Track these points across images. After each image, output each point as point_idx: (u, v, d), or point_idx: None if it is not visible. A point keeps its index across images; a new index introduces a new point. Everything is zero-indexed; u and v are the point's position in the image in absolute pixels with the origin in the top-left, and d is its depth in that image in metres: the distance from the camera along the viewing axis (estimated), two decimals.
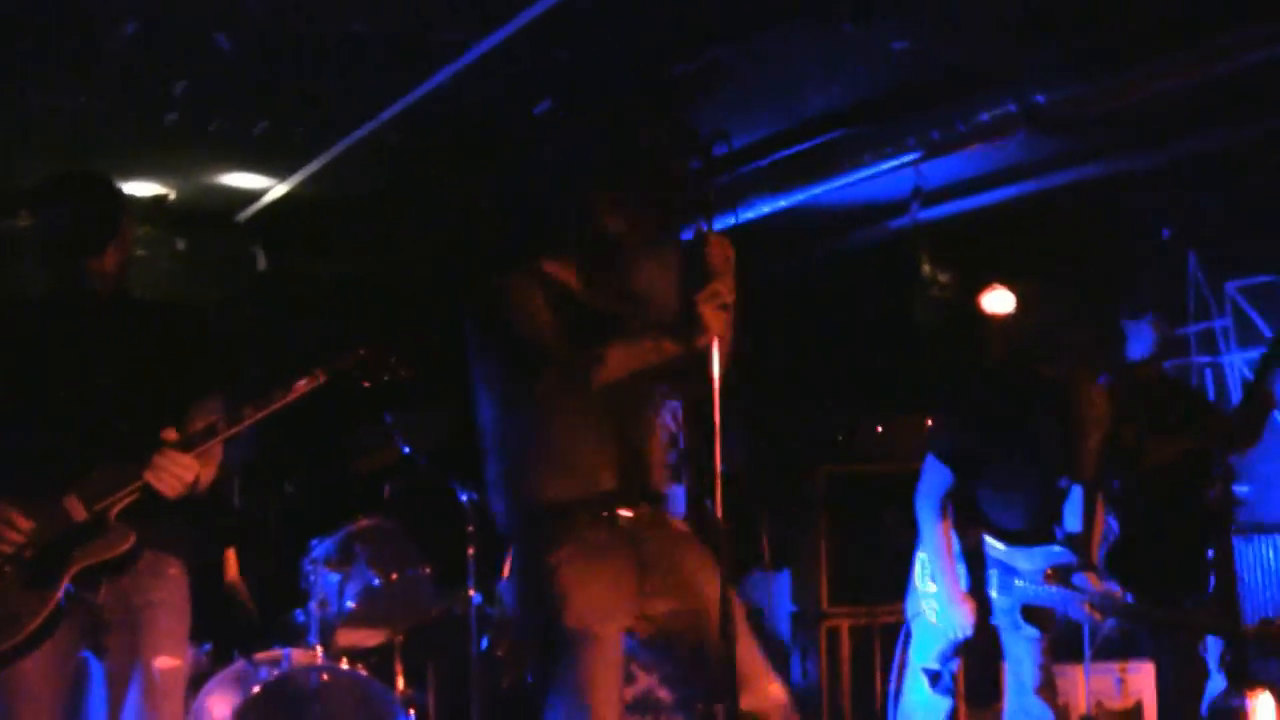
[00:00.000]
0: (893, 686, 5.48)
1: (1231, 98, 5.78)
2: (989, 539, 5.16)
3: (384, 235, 8.13)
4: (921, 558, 5.31)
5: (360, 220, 7.86)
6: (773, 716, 3.66)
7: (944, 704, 5.29)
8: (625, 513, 3.69)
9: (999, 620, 5.14)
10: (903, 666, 5.40)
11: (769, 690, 3.69)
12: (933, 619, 5.23)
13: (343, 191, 7.32)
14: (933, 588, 5.23)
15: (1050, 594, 4.99)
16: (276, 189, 7.28)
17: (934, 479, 5.22)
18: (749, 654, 3.71)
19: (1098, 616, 5.03)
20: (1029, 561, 5.06)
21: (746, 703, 3.62)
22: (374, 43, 5.33)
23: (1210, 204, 7.40)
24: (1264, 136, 6.13)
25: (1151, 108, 5.64)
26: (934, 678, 5.25)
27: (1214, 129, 6.17)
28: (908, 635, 5.42)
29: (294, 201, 7.45)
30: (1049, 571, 5.01)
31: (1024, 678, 5.14)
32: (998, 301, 7.89)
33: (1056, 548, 5.03)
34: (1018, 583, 5.05)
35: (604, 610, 3.60)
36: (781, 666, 7.34)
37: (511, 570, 3.76)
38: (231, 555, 6.15)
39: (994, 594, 5.12)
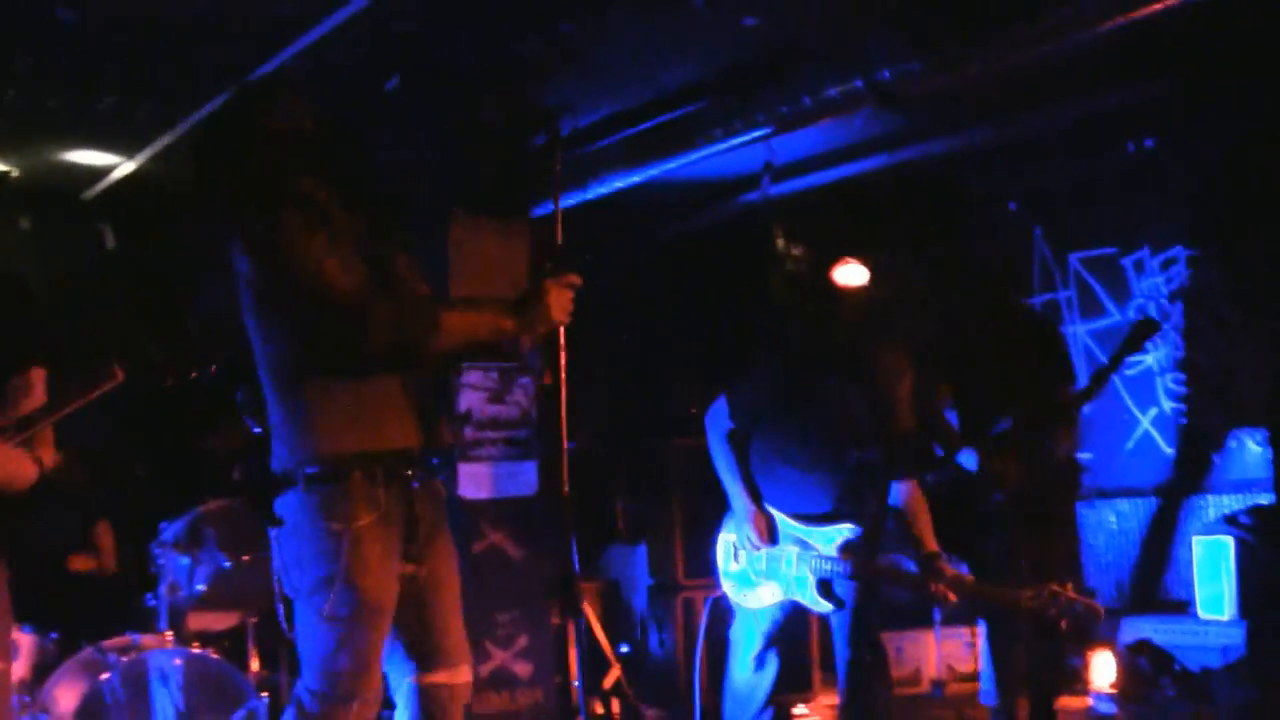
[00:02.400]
0: (697, 665, 5.55)
1: (1071, 73, 5.91)
2: (785, 518, 5.26)
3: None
4: (724, 539, 5.40)
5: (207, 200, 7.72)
6: (458, 695, 3.75)
7: (766, 682, 5.38)
8: (410, 474, 3.65)
9: (805, 596, 5.24)
10: (707, 646, 5.47)
11: (462, 669, 3.76)
12: (741, 600, 5.33)
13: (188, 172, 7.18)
14: (735, 567, 5.33)
15: (846, 569, 5.09)
16: (123, 166, 7.14)
17: (718, 416, 5.37)
18: (458, 631, 3.79)
19: (951, 597, 5.12)
20: (824, 540, 5.16)
21: (444, 677, 3.72)
22: (219, 17, 5.24)
23: (1053, 178, 7.57)
24: (1104, 111, 6.28)
25: (994, 83, 5.75)
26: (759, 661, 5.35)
27: (1055, 104, 6.30)
28: (712, 615, 5.49)
29: (142, 179, 7.31)
30: (844, 547, 5.11)
31: (845, 645, 5.24)
32: (850, 275, 8.00)
33: (850, 525, 5.13)
34: (814, 560, 5.15)
35: (389, 580, 3.58)
36: (640, 638, 7.42)
37: (288, 522, 3.61)
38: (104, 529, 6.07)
39: (797, 570, 5.19)
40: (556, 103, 5.74)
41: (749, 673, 5.36)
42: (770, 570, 5.22)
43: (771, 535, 5.23)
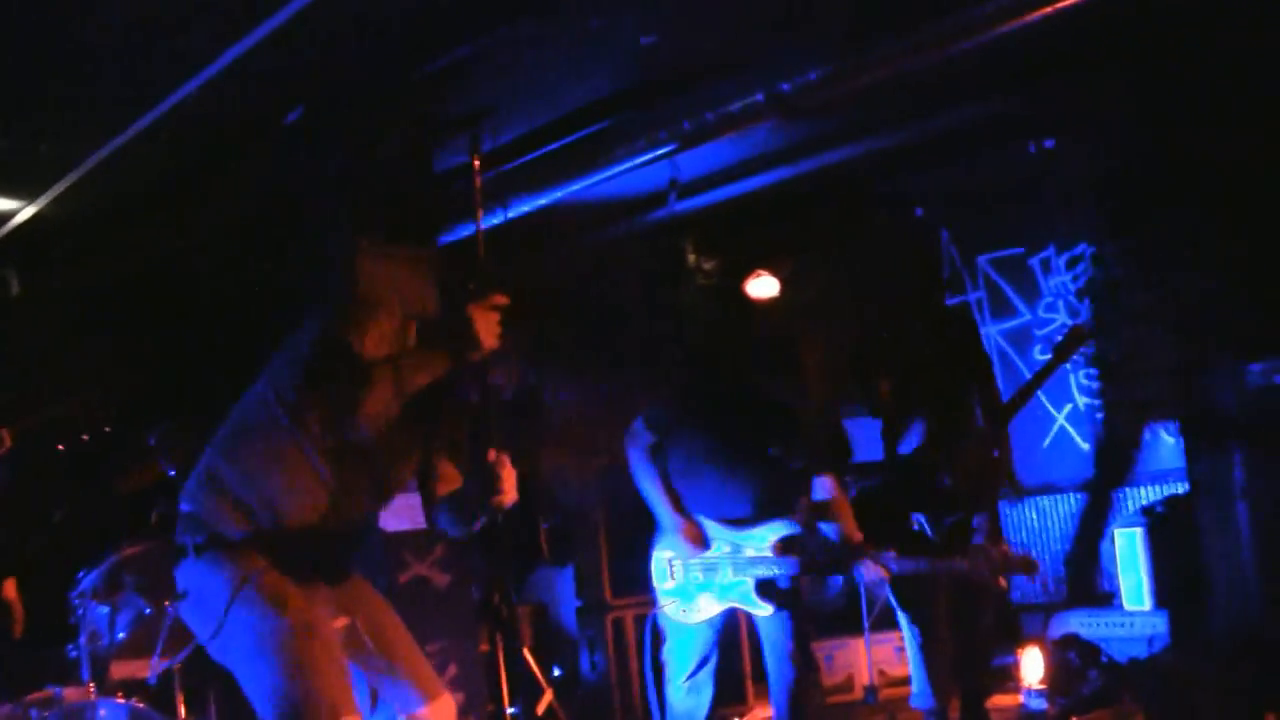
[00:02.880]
0: (650, 684, 5.56)
1: (969, 76, 5.97)
2: (713, 524, 5.28)
3: (142, 248, 7.90)
4: (658, 557, 5.40)
5: (117, 235, 7.63)
6: None
7: (703, 705, 5.38)
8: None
9: (744, 601, 5.27)
10: (658, 670, 5.48)
11: (445, 699, 3.83)
12: (683, 616, 5.34)
13: (96, 208, 7.09)
14: (671, 583, 5.34)
15: (786, 565, 5.11)
16: (25, 211, 7.03)
17: (637, 433, 5.40)
18: (423, 663, 3.87)
19: (885, 574, 5.16)
20: (756, 541, 5.18)
21: (423, 712, 3.80)
22: (116, 54, 5.18)
23: (958, 181, 7.65)
24: (1001, 113, 6.35)
25: (892, 89, 5.79)
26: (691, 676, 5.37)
27: (955, 107, 6.37)
28: (654, 636, 5.50)
29: (45, 222, 7.19)
30: (778, 545, 5.14)
31: (780, 653, 5.26)
32: (762, 287, 8.05)
33: (780, 522, 5.15)
34: (749, 563, 5.18)
35: (317, 607, 3.64)
36: (571, 659, 7.39)
37: (214, 584, 3.62)
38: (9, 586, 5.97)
39: (730, 576, 5.22)
40: (463, 127, 5.74)
41: (683, 695, 5.36)
42: (707, 580, 5.23)
43: (703, 542, 5.24)
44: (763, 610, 5.17)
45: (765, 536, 5.16)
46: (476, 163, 3.78)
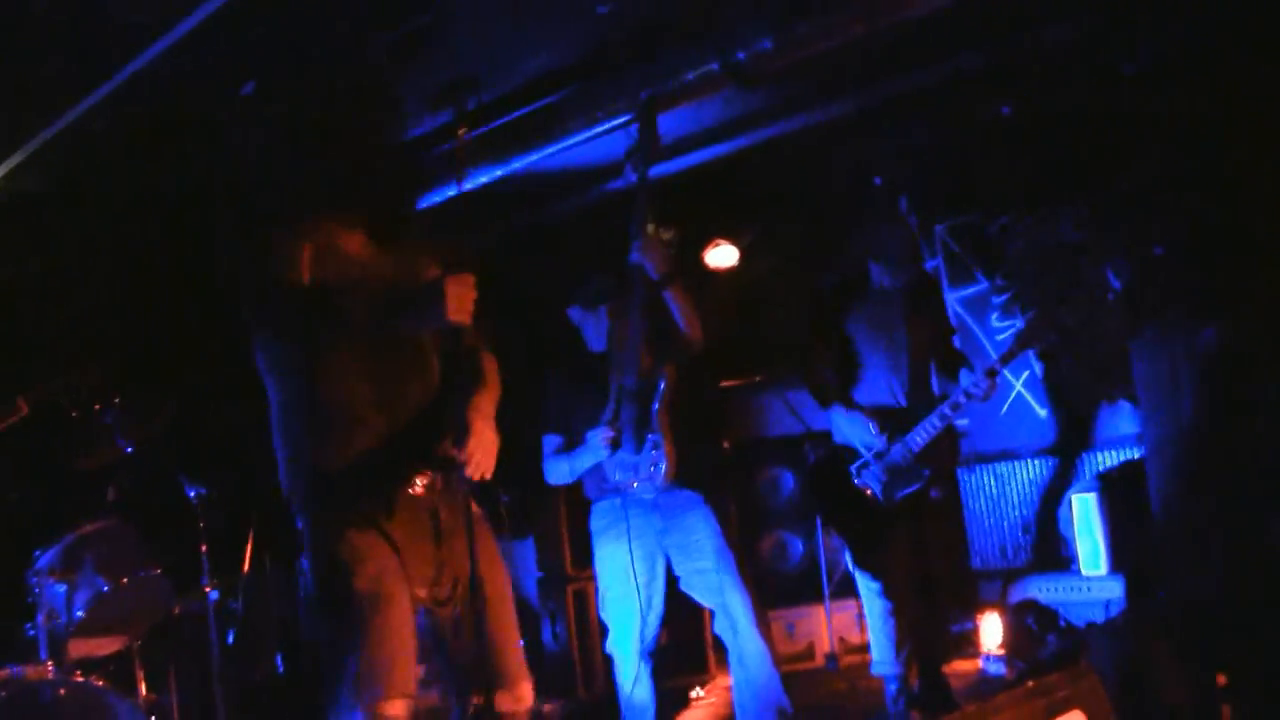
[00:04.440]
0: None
1: (921, 41, 5.98)
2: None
3: (99, 228, 7.84)
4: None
5: (72, 213, 7.56)
6: (521, 718, 3.76)
7: (646, 697, 5.45)
8: (416, 481, 3.70)
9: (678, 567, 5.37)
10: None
11: (522, 691, 3.76)
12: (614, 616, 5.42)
13: (53, 185, 7.02)
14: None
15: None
16: None
17: (548, 447, 5.67)
18: (515, 652, 3.80)
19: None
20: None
21: (503, 702, 3.71)
22: (64, 27, 5.12)
23: (915, 148, 7.65)
24: (952, 78, 6.36)
25: (847, 57, 5.79)
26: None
27: (905, 73, 6.37)
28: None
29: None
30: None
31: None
32: (721, 256, 8.06)
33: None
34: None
35: (396, 573, 3.62)
36: (533, 631, 7.41)
37: (305, 545, 3.72)
38: None
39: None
40: (414, 98, 5.71)
41: (629, 685, 5.42)
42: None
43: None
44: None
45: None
46: (462, 131, 3.78)
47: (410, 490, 3.71)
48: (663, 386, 5.23)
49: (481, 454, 3.72)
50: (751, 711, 5.35)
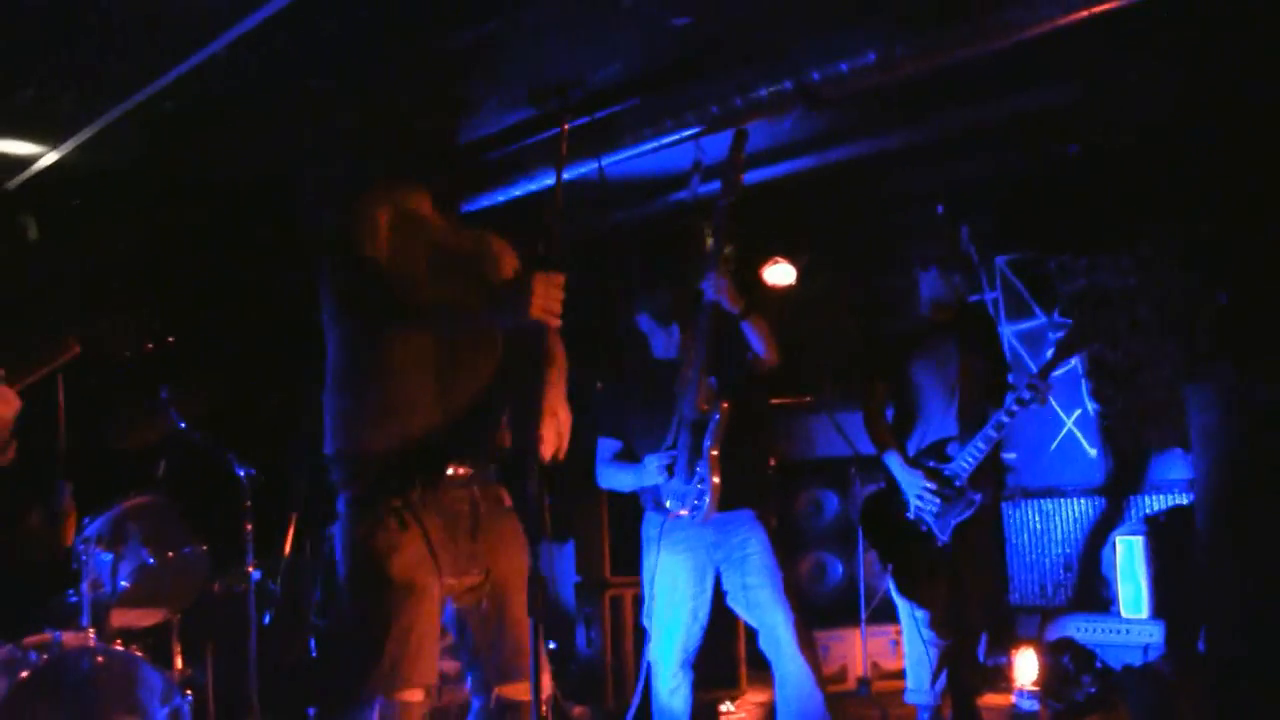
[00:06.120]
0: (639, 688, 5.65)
1: (995, 75, 5.96)
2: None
3: (158, 206, 7.93)
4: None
5: (135, 190, 7.66)
6: (541, 706, 3.74)
7: (681, 706, 5.46)
8: (460, 471, 3.71)
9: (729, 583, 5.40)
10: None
11: (541, 681, 3.76)
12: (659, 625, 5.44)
13: (117, 160, 7.11)
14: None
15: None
16: (47, 157, 7.05)
17: (604, 451, 5.74)
18: (527, 639, 3.77)
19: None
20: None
21: (519, 693, 3.74)
22: (145, 7, 5.18)
23: (980, 180, 7.64)
24: (1019, 113, 6.34)
25: (922, 84, 5.79)
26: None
27: (980, 105, 6.36)
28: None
29: (66, 170, 7.22)
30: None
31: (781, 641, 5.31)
32: (779, 274, 8.07)
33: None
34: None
35: (429, 563, 3.63)
36: (567, 635, 7.42)
37: (340, 518, 3.73)
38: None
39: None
40: (489, 101, 5.74)
41: (666, 693, 5.44)
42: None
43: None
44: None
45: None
46: (565, 127, 3.78)
47: (452, 479, 3.72)
48: (716, 420, 5.26)
49: (555, 435, 3.74)
50: None
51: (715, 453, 5.26)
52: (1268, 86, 5.89)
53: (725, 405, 5.27)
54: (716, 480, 5.25)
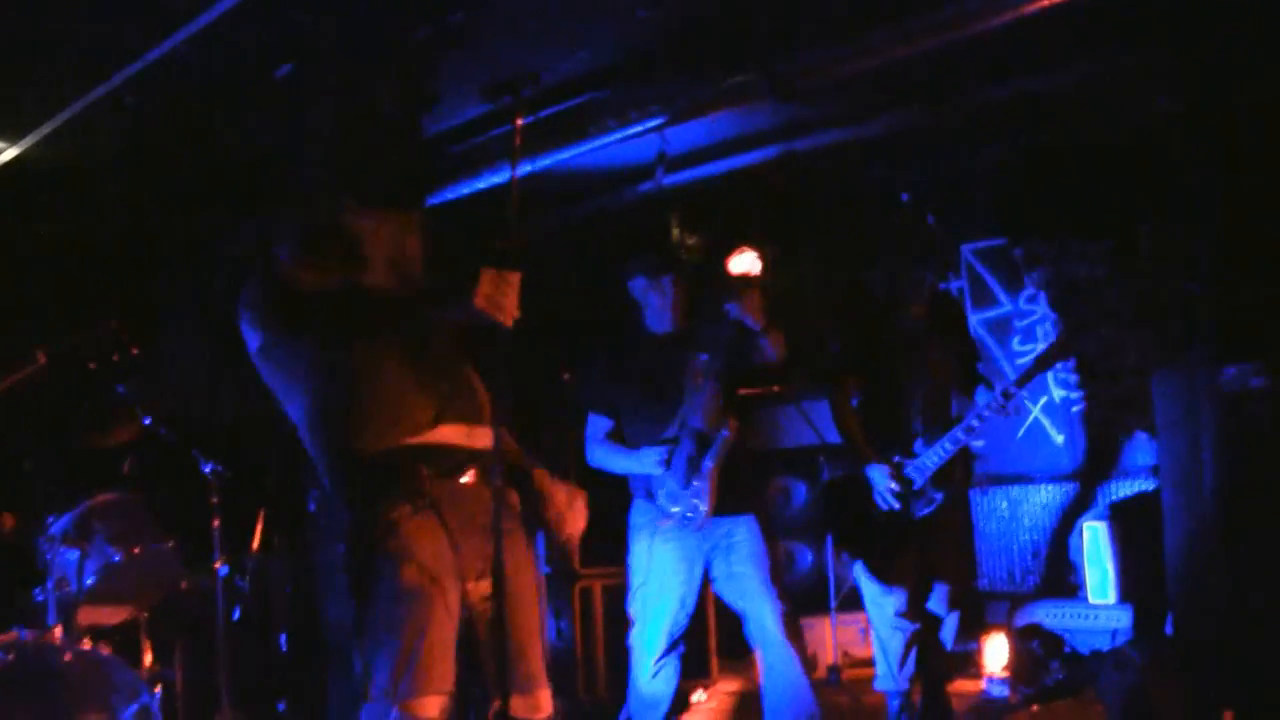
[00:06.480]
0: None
1: (962, 65, 5.98)
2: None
3: (122, 200, 7.87)
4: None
5: (98, 184, 7.60)
6: None
7: (666, 691, 5.46)
8: (465, 479, 3.67)
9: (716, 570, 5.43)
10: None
11: (540, 699, 3.73)
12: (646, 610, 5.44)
13: (79, 154, 7.05)
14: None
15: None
16: (7, 152, 6.99)
17: (595, 428, 5.70)
18: (535, 658, 3.75)
19: None
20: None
21: (519, 709, 3.66)
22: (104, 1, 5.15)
23: (945, 169, 7.65)
24: (991, 103, 6.36)
25: (889, 75, 5.79)
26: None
27: (947, 95, 6.37)
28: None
29: (27, 164, 7.16)
30: None
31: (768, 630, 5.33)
32: (744, 263, 8.04)
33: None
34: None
35: (446, 566, 3.56)
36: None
37: (349, 533, 3.64)
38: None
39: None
40: (451, 91, 5.71)
41: (649, 679, 5.44)
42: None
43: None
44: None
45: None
46: (519, 121, 3.75)
47: (461, 481, 3.67)
48: (723, 439, 5.28)
49: (572, 520, 3.79)
50: (782, 717, 5.37)
51: (714, 469, 5.29)
52: (1246, 75, 5.92)
53: (734, 425, 5.31)
54: (712, 496, 5.29)
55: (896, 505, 5.75)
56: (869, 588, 5.92)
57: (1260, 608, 5.52)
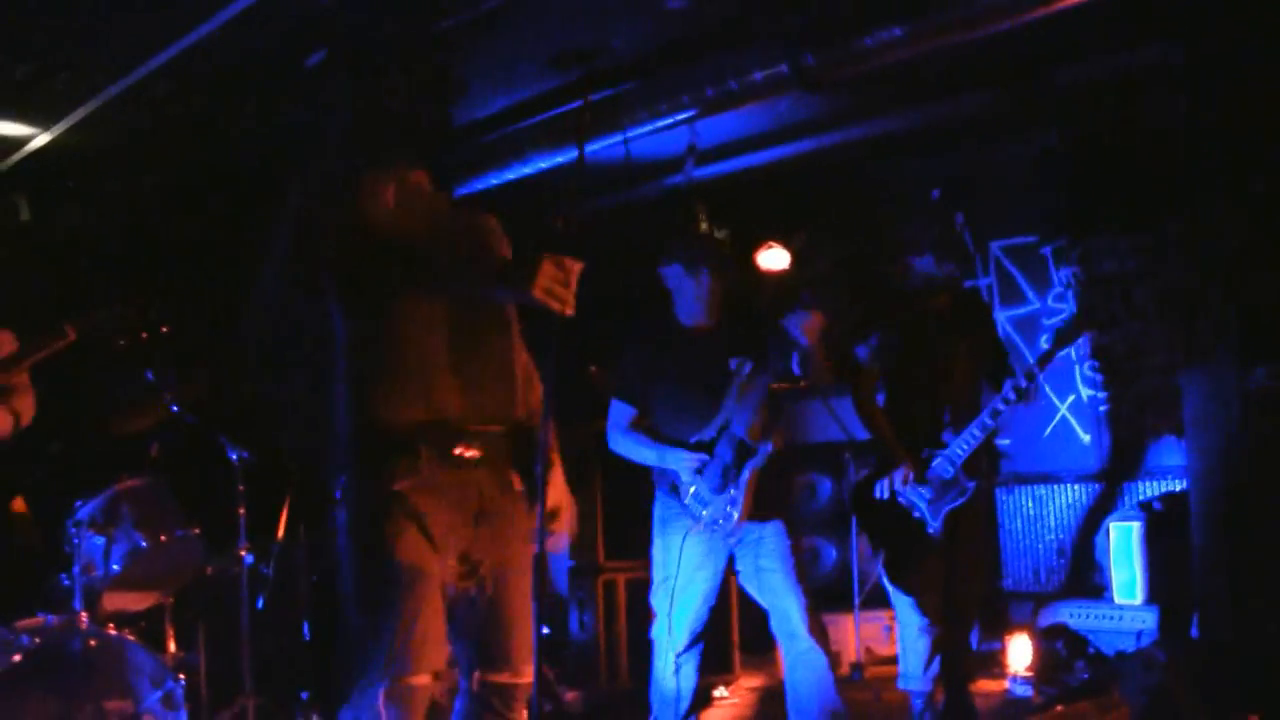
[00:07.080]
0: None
1: (991, 60, 5.96)
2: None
3: (152, 186, 7.91)
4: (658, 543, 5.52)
5: (128, 170, 7.64)
6: (520, 695, 3.70)
7: (687, 687, 5.45)
8: (471, 453, 3.64)
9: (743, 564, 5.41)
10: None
11: (524, 671, 3.73)
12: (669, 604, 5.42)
13: (110, 141, 7.09)
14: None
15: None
16: (39, 138, 7.02)
17: (619, 415, 5.58)
18: (523, 638, 3.75)
19: None
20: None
21: (505, 677, 3.68)
22: None
23: (975, 166, 7.63)
24: (1020, 100, 6.34)
25: (918, 69, 5.77)
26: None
27: (978, 91, 6.35)
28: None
29: (58, 151, 7.19)
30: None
31: (794, 625, 5.31)
32: (772, 258, 8.03)
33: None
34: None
35: (431, 547, 3.55)
36: (560, 619, 7.41)
37: (347, 504, 3.63)
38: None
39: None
40: (479, 83, 5.71)
41: (670, 674, 5.42)
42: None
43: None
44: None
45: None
46: (589, 74, 3.69)
47: (462, 458, 3.67)
48: (766, 453, 5.27)
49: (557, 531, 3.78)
50: (806, 713, 5.35)
51: (751, 480, 5.28)
52: (1269, 69, 5.88)
53: (780, 440, 5.30)
54: (747, 506, 5.29)
55: (923, 495, 5.72)
56: (895, 587, 5.89)
57: None
